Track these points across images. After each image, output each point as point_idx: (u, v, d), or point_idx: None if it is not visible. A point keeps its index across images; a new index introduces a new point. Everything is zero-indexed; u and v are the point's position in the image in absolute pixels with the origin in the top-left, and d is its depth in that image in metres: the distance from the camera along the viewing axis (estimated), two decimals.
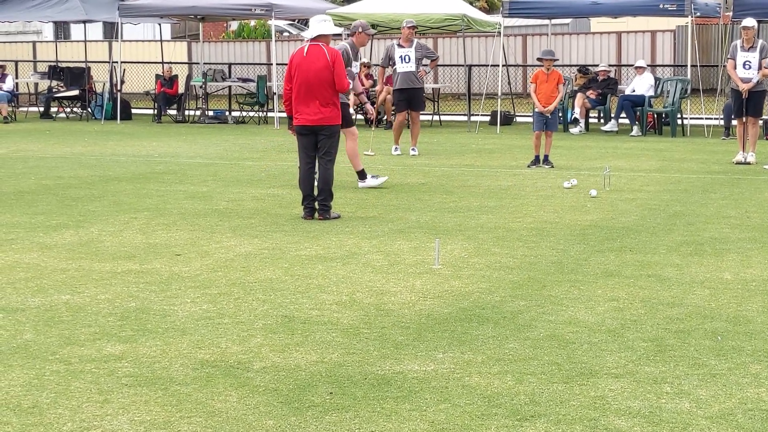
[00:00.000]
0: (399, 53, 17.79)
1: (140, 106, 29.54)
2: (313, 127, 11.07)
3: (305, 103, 11.07)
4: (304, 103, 11.07)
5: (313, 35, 11.13)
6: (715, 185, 13.74)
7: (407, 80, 17.78)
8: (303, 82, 11.05)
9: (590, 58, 31.41)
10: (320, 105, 11.04)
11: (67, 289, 7.78)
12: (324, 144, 11.13)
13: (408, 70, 17.76)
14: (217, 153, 18.34)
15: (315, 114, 11.05)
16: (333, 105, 11.12)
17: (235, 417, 5.09)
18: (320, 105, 11.04)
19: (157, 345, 6.33)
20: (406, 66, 17.76)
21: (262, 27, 40.31)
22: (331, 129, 11.14)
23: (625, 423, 5.00)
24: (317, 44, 11.11)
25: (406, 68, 17.77)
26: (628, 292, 7.67)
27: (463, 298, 7.49)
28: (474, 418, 5.07)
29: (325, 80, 11.05)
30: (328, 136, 11.13)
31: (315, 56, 11.06)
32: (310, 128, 11.09)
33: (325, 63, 11.03)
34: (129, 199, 12.48)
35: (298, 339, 6.45)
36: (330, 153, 11.15)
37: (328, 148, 11.14)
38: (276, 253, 9.15)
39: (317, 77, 11.03)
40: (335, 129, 11.22)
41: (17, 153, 18.20)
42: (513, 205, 11.96)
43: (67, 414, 5.13)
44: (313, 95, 11.04)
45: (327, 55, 11.04)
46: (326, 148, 11.14)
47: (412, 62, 17.75)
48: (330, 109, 11.08)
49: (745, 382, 5.62)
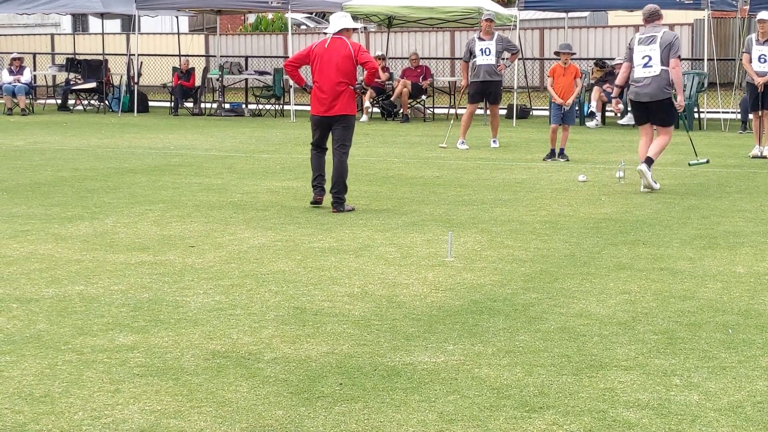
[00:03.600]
0: (479, 46, 17.80)
1: (157, 99, 29.62)
2: (330, 118, 11.14)
3: (323, 94, 11.14)
4: (322, 94, 11.15)
5: (336, 29, 11.25)
6: (731, 179, 13.71)
7: (486, 73, 17.79)
8: (324, 73, 11.14)
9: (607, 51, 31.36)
10: (338, 96, 11.10)
11: (81, 280, 7.83)
12: (340, 135, 11.17)
13: (488, 62, 17.76)
14: (232, 145, 18.39)
15: (332, 105, 11.11)
16: (349, 96, 11.17)
17: (245, 407, 5.12)
18: (338, 96, 11.10)
19: (169, 335, 6.36)
20: (486, 59, 17.76)
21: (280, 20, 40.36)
22: (346, 119, 11.19)
23: (633, 415, 5.01)
24: (340, 37, 11.21)
25: (486, 61, 17.75)
26: (640, 285, 7.66)
27: (475, 291, 7.50)
28: (483, 410, 5.08)
29: (348, 70, 11.14)
30: (344, 126, 11.18)
31: (337, 48, 11.17)
32: (327, 119, 11.16)
33: (348, 53, 11.13)
34: (144, 191, 12.53)
35: (309, 330, 6.48)
36: (345, 144, 11.20)
37: (343, 139, 11.18)
38: (289, 245, 9.18)
39: (339, 68, 11.12)
40: (351, 119, 11.27)
41: (35, 145, 18.28)
42: (527, 199, 11.96)
43: (79, 403, 5.17)
44: (332, 86, 11.11)
45: (350, 47, 11.15)
46: (342, 140, 11.18)
47: (492, 55, 17.75)
48: (347, 100, 11.14)
49: (755, 374, 5.62)
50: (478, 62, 17.79)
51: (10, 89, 26.30)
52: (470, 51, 17.94)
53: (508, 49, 18.42)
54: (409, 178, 13.78)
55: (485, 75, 17.76)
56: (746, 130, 20.59)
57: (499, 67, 17.87)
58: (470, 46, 17.99)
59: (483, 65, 17.78)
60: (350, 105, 11.21)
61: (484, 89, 17.88)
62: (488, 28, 17.97)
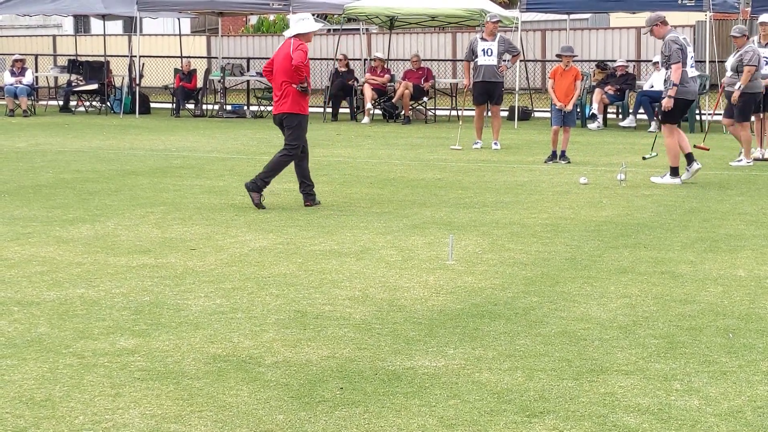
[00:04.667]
0: (482, 47, 17.89)
1: (159, 100, 29.62)
2: (280, 116, 11.57)
3: (275, 93, 11.63)
4: (275, 93, 11.64)
5: (289, 34, 11.57)
6: (732, 182, 13.71)
7: (488, 74, 17.86)
8: (275, 73, 11.55)
9: (609, 53, 31.35)
10: (283, 95, 11.47)
11: (82, 283, 7.84)
12: (286, 133, 11.61)
13: (489, 63, 17.85)
14: (234, 147, 18.39)
15: (280, 104, 11.52)
16: (294, 95, 11.44)
17: (246, 411, 5.13)
18: (283, 95, 11.47)
19: (170, 339, 6.37)
20: (488, 59, 17.85)
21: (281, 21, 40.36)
22: (290, 118, 11.48)
23: (633, 420, 5.01)
24: (290, 38, 11.53)
25: (487, 62, 17.85)
26: (641, 289, 7.67)
27: (476, 294, 7.51)
28: (483, 414, 5.09)
29: (288, 70, 11.40)
30: (289, 126, 11.51)
31: (283, 48, 11.56)
32: (278, 117, 11.60)
33: (287, 53, 11.43)
34: (146, 194, 12.54)
35: (310, 334, 6.48)
36: (290, 144, 11.54)
37: (289, 138, 11.56)
38: (290, 248, 9.19)
39: (281, 68, 11.44)
40: (296, 118, 11.50)
41: (36, 147, 18.29)
42: (528, 201, 11.96)
43: (80, 407, 5.18)
44: (278, 85, 11.50)
45: (291, 47, 11.41)
46: (288, 139, 11.59)
47: (494, 56, 17.85)
48: (292, 99, 11.42)
49: (756, 379, 5.62)
50: (479, 62, 17.84)
51: (12, 91, 26.32)
52: (473, 51, 17.98)
53: (509, 51, 18.45)
54: (410, 180, 13.78)
55: (487, 76, 17.81)
56: None
57: (500, 68, 17.92)
58: (473, 46, 18.05)
59: (484, 66, 17.83)
60: (295, 104, 11.46)
61: (486, 90, 17.93)
62: (493, 29, 18.00)
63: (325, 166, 15.11)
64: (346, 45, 31.61)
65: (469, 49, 18.19)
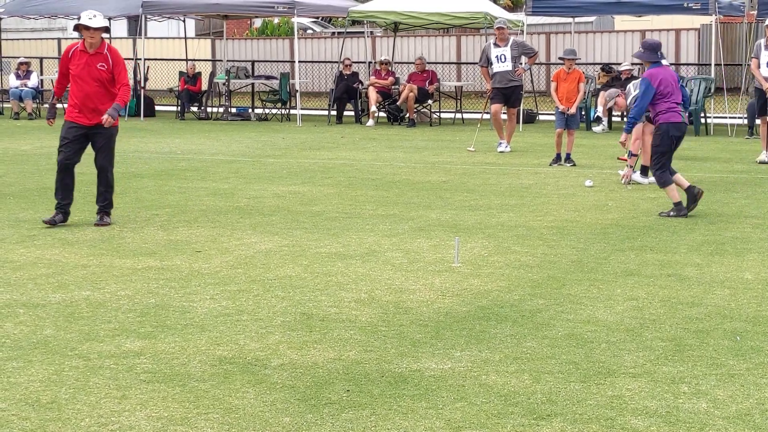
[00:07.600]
0: (495, 53, 17.82)
1: (164, 103, 29.64)
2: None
3: None
4: None
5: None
6: (738, 185, 13.68)
7: (504, 79, 17.83)
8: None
9: (614, 56, 31.30)
10: None
11: (88, 286, 7.83)
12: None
13: (504, 69, 17.79)
14: (239, 150, 18.39)
15: None
16: None
17: (252, 414, 5.11)
18: None
19: (175, 341, 6.36)
20: (503, 65, 17.80)
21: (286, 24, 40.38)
22: None
23: (641, 423, 4.99)
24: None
25: (502, 67, 17.80)
26: (647, 292, 7.65)
27: (482, 297, 7.49)
28: (490, 417, 5.07)
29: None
30: None
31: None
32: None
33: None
34: (151, 196, 12.53)
35: (316, 336, 6.47)
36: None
37: None
38: (296, 251, 9.18)
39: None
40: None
41: (41, 149, 18.29)
42: (534, 204, 11.94)
43: (86, 409, 5.16)
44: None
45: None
46: None
47: (508, 61, 17.78)
48: None
49: (764, 382, 5.60)
50: (494, 69, 17.81)
51: (17, 93, 26.33)
52: (487, 57, 17.93)
53: (525, 53, 18.41)
54: (415, 182, 13.77)
55: (503, 81, 17.78)
56: (753, 135, 20.53)
57: (517, 71, 17.85)
58: (486, 53, 17.99)
59: (499, 72, 17.79)
60: None
61: (504, 94, 17.92)
62: (502, 35, 17.96)
63: (330, 169, 15.10)
64: (350, 48, 31.60)
65: (483, 55, 18.12)
